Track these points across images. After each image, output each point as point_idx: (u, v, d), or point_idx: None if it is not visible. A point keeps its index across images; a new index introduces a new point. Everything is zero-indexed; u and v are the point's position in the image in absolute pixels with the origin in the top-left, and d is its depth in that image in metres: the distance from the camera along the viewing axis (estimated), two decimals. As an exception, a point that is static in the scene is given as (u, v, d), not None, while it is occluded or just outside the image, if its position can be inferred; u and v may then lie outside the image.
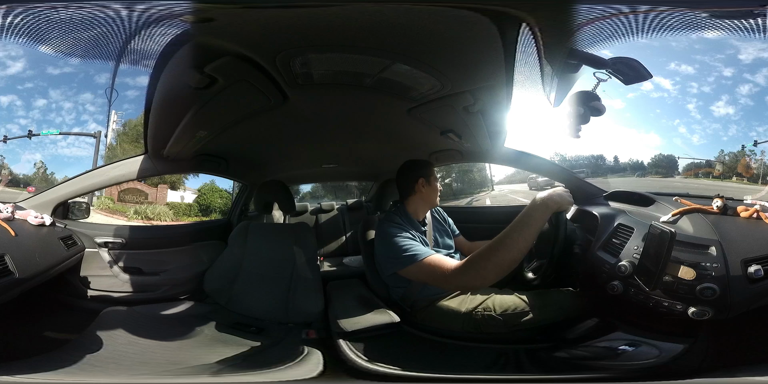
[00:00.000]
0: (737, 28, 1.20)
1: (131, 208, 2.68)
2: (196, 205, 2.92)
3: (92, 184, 1.82)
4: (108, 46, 1.25)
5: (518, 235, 1.15)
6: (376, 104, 1.62)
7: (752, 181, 2.32)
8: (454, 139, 1.90)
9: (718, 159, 2.47)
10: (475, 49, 1.23)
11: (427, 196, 1.62)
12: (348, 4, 1.07)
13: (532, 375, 1.28)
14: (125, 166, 1.81)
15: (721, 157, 2.47)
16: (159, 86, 1.39)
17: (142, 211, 2.73)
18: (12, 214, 1.51)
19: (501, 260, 1.16)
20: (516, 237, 1.15)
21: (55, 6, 1.10)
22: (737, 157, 2.41)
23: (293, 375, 1.18)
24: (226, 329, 1.60)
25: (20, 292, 1.28)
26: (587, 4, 1.11)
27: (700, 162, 2.50)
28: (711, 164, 2.48)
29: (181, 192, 2.92)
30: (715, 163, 2.39)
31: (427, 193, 1.62)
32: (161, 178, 2.83)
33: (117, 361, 1.29)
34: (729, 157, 2.45)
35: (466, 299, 1.48)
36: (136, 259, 1.85)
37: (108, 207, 2.56)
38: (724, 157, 2.46)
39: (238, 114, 1.62)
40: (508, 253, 1.16)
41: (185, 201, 2.90)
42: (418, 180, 1.61)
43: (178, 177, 2.90)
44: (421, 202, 1.62)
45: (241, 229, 1.91)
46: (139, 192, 2.69)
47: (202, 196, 2.90)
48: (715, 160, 2.47)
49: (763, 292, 1.10)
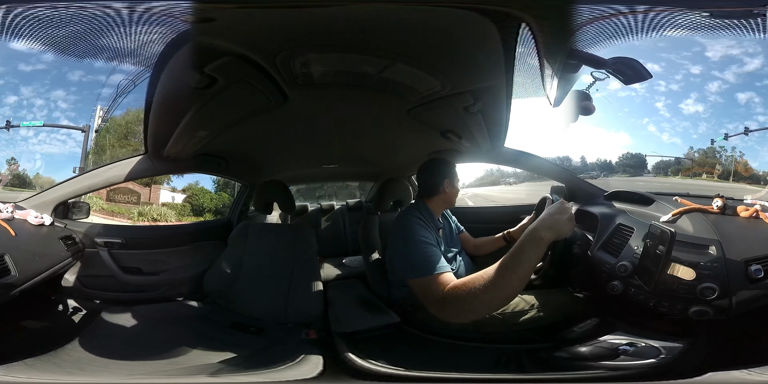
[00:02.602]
0: (737, 28, 1.20)
1: (135, 209, 2.65)
2: (188, 206, 2.90)
3: (92, 184, 1.82)
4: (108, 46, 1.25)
5: (510, 274, 1.00)
6: (377, 104, 1.62)
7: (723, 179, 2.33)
8: (454, 139, 1.90)
9: (687, 156, 2.47)
10: (475, 49, 1.23)
11: (449, 198, 1.61)
12: (348, 4, 1.07)
13: (532, 375, 1.28)
14: (125, 166, 1.81)
15: (690, 155, 2.47)
16: (159, 86, 1.39)
17: (147, 213, 2.70)
18: (12, 214, 1.51)
19: (490, 299, 1.03)
20: (508, 275, 1.00)
21: (56, 6, 1.10)
22: (707, 154, 2.41)
23: (293, 375, 1.18)
24: (226, 329, 1.60)
25: (20, 292, 1.28)
26: (587, 4, 1.11)
27: (669, 160, 2.50)
28: (680, 162, 2.49)
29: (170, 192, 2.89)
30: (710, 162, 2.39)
31: (451, 195, 1.60)
32: (152, 179, 2.76)
33: (117, 361, 1.29)
34: (698, 154, 2.45)
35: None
36: (136, 259, 1.85)
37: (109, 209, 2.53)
38: (694, 155, 2.47)
39: (238, 114, 1.62)
40: (501, 293, 1.01)
41: (176, 201, 2.88)
42: (444, 181, 1.57)
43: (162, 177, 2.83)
44: (443, 202, 1.61)
45: (241, 229, 1.91)
46: (131, 192, 2.64)
47: (194, 197, 2.88)
48: (685, 158, 2.47)
49: (763, 292, 1.10)
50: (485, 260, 1.77)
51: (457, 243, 1.75)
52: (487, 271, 1.03)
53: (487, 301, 1.03)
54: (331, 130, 1.93)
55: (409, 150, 2.23)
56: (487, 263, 1.07)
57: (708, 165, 2.39)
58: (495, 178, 2.96)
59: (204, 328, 1.63)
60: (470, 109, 1.60)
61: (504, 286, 1.00)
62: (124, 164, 1.81)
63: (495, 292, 1.01)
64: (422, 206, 1.56)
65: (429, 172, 1.61)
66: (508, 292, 1.02)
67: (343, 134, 2.01)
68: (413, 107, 1.61)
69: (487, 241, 1.87)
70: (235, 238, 1.88)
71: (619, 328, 1.28)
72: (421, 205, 1.57)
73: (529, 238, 1.02)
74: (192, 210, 2.86)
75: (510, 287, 1.00)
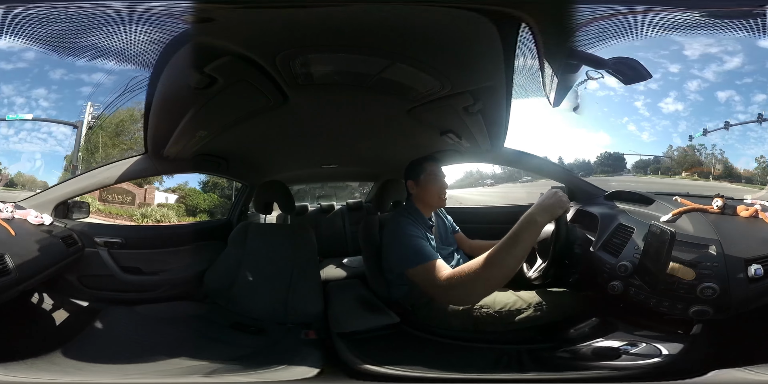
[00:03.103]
0: (737, 28, 1.20)
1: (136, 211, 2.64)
2: (183, 207, 2.89)
3: (93, 184, 1.82)
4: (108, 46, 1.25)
5: (506, 254, 1.13)
6: (376, 104, 1.62)
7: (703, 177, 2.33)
8: (454, 139, 1.90)
9: (666, 154, 2.47)
10: (475, 49, 1.23)
11: (420, 197, 1.61)
12: (348, 4, 1.07)
13: (532, 375, 1.28)
14: (125, 166, 1.81)
15: (669, 153, 2.47)
16: (159, 86, 1.39)
17: (151, 215, 2.69)
18: (12, 213, 1.51)
19: (489, 277, 1.15)
20: (504, 255, 1.13)
21: (55, 6, 1.10)
22: (686, 152, 2.41)
23: (293, 375, 1.18)
24: (226, 329, 1.60)
25: (20, 291, 1.28)
26: (587, 4, 1.11)
27: (649, 158, 2.50)
28: (659, 160, 2.48)
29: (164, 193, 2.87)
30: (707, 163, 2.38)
31: (420, 194, 1.61)
32: (145, 179, 2.74)
33: (117, 361, 1.29)
34: (678, 152, 2.45)
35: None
36: (136, 259, 1.85)
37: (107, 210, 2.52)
38: (673, 153, 2.47)
39: (238, 114, 1.62)
40: (498, 271, 1.14)
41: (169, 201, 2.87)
42: (408, 182, 1.63)
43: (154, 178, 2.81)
44: (422, 202, 1.62)
45: (241, 229, 1.91)
46: (125, 192, 2.62)
47: (188, 197, 2.88)
48: (664, 156, 2.47)
49: (763, 292, 1.10)
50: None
51: (453, 242, 1.77)
52: (484, 255, 1.15)
53: (486, 278, 1.15)
54: (331, 130, 1.93)
55: (409, 150, 2.23)
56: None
57: (687, 163, 2.39)
58: (473, 179, 2.93)
59: (204, 328, 1.63)
60: (470, 110, 1.60)
61: (502, 265, 1.13)
62: (124, 164, 1.81)
63: (493, 269, 1.13)
64: (410, 206, 1.62)
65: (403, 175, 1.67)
66: (505, 271, 1.14)
67: (343, 134, 2.01)
68: (413, 107, 1.61)
69: (484, 245, 1.86)
70: (235, 238, 1.88)
71: (619, 328, 1.28)
72: (410, 206, 1.63)
73: (524, 222, 1.14)
74: (186, 210, 2.85)
75: (507, 266, 1.13)
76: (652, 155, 2.49)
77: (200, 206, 2.85)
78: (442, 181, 1.61)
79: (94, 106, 2.06)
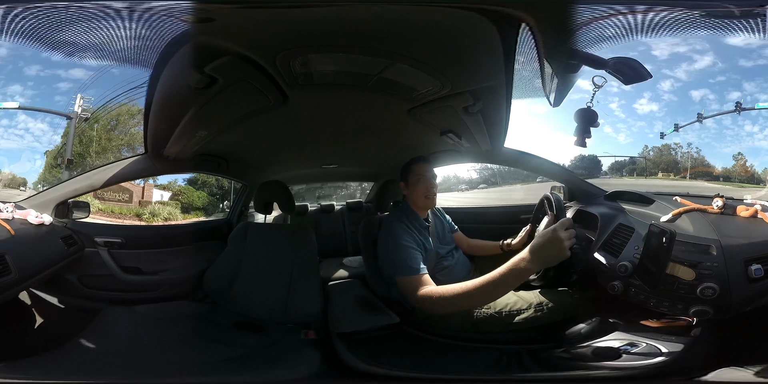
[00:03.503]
0: (737, 28, 1.21)
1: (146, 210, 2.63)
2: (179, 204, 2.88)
3: (93, 183, 1.82)
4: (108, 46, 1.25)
5: (487, 294, 1.15)
6: (376, 104, 1.62)
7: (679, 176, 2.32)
8: (454, 139, 1.90)
9: (641, 155, 2.46)
10: (475, 49, 1.23)
11: (412, 198, 1.62)
12: (348, 4, 1.07)
13: (532, 375, 1.28)
14: (125, 166, 1.81)
15: (644, 153, 2.47)
16: (159, 86, 1.39)
17: (159, 213, 2.69)
18: (12, 213, 1.51)
19: (464, 306, 1.29)
20: (486, 295, 1.17)
21: (56, 6, 1.10)
22: (662, 152, 2.40)
23: (292, 375, 1.18)
24: (226, 329, 1.60)
25: (20, 291, 1.28)
26: (587, 4, 1.11)
27: (624, 160, 2.49)
28: (635, 161, 2.48)
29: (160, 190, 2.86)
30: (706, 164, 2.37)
31: (411, 195, 1.62)
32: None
33: (117, 361, 1.29)
34: (653, 151, 2.45)
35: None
36: (136, 259, 1.85)
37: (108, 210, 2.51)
38: (648, 153, 2.46)
39: (238, 114, 1.62)
40: (475, 303, 1.28)
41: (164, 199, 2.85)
42: (401, 184, 1.64)
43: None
44: (414, 203, 1.62)
45: (241, 229, 1.90)
46: (122, 190, 2.60)
47: (183, 195, 2.87)
48: (639, 157, 2.47)
49: (763, 292, 1.10)
50: (485, 261, 1.78)
51: (451, 241, 1.77)
52: (465, 285, 1.15)
53: (461, 306, 1.27)
54: (331, 130, 1.93)
55: (409, 150, 2.23)
56: (486, 264, 1.10)
57: (663, 163, 2.38)
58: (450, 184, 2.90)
59: (203, 328, 1.63)
60: (470, 110, 1.60)
61: (481, 300, 1.24)
62: (123, 164, 1.81)
63: (470, 301, 1.20)
64: (406, 207, 1.63)
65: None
66: (482, 304, 1.33)
67: (343, 134, 2.01)
68: (413, 107, 1.61)
69: (482, 245, 1.87)
70: (235, 237, 1.87)
71: (619, 328, 1.28)
72: (405, 206, 1.64)
73: (514, 269, 1.05)
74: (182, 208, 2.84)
75: (484, 302, 1.31)
76: (627, 156, 2.48)
77: (195, 204, 2.84)
78: (428, 181, 1.60)
79: (84, 98, 2.01)
